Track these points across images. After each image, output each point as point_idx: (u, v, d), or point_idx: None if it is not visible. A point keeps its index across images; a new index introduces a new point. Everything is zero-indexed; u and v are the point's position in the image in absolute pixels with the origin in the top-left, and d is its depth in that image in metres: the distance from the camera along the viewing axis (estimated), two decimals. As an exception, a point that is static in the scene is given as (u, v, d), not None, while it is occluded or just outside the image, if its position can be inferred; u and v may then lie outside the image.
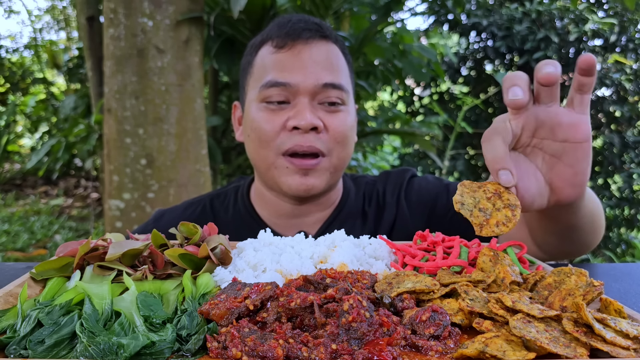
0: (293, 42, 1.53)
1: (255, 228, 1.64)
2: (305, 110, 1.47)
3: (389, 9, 4.57)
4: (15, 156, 11.75)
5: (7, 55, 12.23)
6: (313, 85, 1.48)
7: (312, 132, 1.48)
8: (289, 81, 1.48)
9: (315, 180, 1.52)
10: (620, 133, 6.48)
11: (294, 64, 1.51)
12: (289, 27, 1.55)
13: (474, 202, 0.92)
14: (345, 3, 4.19)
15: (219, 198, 1.79)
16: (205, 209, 1.75)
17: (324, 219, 1.70)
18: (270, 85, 1.50)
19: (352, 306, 0.76)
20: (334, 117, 1.52)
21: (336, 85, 1.51)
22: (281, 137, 1.49)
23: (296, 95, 1.49)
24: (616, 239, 6.89)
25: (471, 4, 6.68)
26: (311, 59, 1.51)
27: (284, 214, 1.67)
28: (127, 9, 3.57)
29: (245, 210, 1.72)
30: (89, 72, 5.73)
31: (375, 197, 1.74)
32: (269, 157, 1.53)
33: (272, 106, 1.51)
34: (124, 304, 0.83)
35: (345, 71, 1.59)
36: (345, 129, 1.54)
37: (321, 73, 1.50)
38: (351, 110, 1.59)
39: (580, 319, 0.79)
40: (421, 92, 7.40)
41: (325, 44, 1.55)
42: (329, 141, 1.51)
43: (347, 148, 1.57)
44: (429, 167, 6.71)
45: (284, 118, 1.49)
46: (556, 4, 6.25)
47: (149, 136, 3.67)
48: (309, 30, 1.54)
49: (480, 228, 0.90)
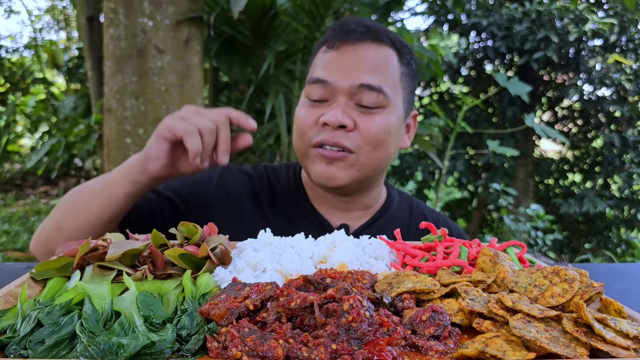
0: (341, 42, 1.56)
1: (302, 207, 1.72)
2: (337, 108, 1.50)
3: (388, 9, 4.58)
4: (15, 156, 11.75)
5: (7, 55, 12.23)
6: (349, 85, 1.50)
7: (341, 130, 1.51)
8: (328, 79, 1.52)
9: (338, 171, 1.54)
10: (620, 133, 6.47)
11: (337, 63, 1.54)
12: (342, 28, 1.58)
13: (530, 280, 0.93)
14: (345, 3, 4.19)
15: (274, 170, 1.83)
16: (262, 178, 1.79)
17: (367, 218, 1.75)
18: (312, 81, 1.57)
19: (352, 306, 0.76)
20: (368, 118, 1.52)
21: (374, 87, 1.50)
22: (313, 131, 1.55)
23: (334, 93, 1.53)
24: (616, 239, 6.89)
25: (471, 4, 6.68)
26: (354, 59, 1.53)
27: (327, 203, 1.72)
28: (127, 9, 3.57)
29: (296, 189, 1.76)
30: (89, 72, 5.73)
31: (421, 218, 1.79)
32: (303, 148, 1.59)
33: (312, 102, 1.57)
34: (124, 304, 0.83)
35: (392, 75, 1.57)
36: (377, 131, 1.53)
37: (360, 74, 1.51)
38: (394, 115, 1.57)
39: (580, 319, 0.79)
40: (421, 92, 7.40)
41: (375, 47, 1.56)
42: (358, 140, 1.52)
43: (378, 150, 1.56)
44: (428, 167, 6.71)
45: (319, 114, 1.54)
46: (556, 4, 6.25)
47: (149, 136, 3.64)
48: (359, 31, 1.55)
49: (534, 301, 0.89)
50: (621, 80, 6.06)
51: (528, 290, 0.90)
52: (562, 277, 0.90)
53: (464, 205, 7.95)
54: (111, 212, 1.46)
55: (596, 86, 6.21)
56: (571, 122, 7.45)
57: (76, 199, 1.54)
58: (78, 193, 1.56)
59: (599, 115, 6.79)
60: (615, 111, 6.31)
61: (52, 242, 1.49)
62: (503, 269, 0.96)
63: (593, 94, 6.47)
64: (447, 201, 8.62)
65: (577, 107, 7.16)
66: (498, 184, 6.20)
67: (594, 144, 7.25)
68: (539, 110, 7.42)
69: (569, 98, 6.48)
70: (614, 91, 6.38)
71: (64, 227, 1.49)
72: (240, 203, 1.71)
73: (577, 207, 6.31)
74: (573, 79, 6.46)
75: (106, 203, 1.45)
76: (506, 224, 5.92)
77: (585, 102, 6.47)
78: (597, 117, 6.87)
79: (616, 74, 6.10)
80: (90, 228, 1.46)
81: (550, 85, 7.15)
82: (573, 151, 7.56)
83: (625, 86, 6.08)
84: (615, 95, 6.41)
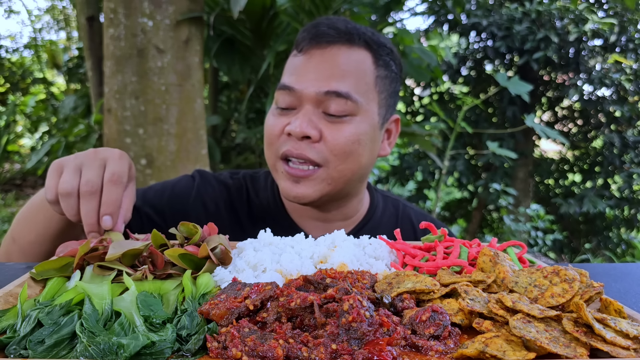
0: (310, 46, 1.47)
1: (280, 220, 1.64)
2: (303, 117, 1.41)
3: (388, 9, 4.58)
4: (15, 156, 11.75)
5: (7, 55, 12.23)
6: (315, 92, 1.41)
7: (306, 141, 1.42)
8: (294, 86, 1.43)
9: (306, 189, 1.46)
10: (620, 133, 6.48)
11: (304, 68, 1.45)
12: (311, 31, 1.48)
13: (530, 280, 0.93)
14: (345, 3, 4.19)
15: (253, 180, 1.75)
16: (241, 189, 1.72)
17: (349, 228, 1.67)
18: (279, 88, 1.48)
19: (352, 306, 0.76)
20: (335, 128, 1.43)
21: (341, 93, 1.40)
22: (280, 141, 1.47)
23: (301, 101, 1.44)
24: (616, 239, 6.89)
25: (471, 4, 6.68)
26: (322, 64, 1.44)
27: (305, 215, 1.66)
28: (127, 9, 3.57)
29: (274, 200, 1.68)
30: (89, 72, 5.73)
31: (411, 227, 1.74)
32: (271, 159, 1.53)
33: (280, 110, 1.49)
34: (124, 304, 0.83)
35: (364, 80, 1.46)
36: (345, 142, 1.43)
37: (327, 80, 1.41)
38: (365, 122, 1.47)
39: (580, 319, 0.79)
40: (421, 92, 7.40)
41: (345, 49, 1.46)
42: (324, 152, 1.43)
43: (348, 162, 1.46)
44: (428, 167, 6.71)
45: (285, 122, 1.45)
46: (556, 4, 6.24)
47: (149, 136, 3.67)
48: (328, 34, 1.46)
49: (534, 301, 0.89)
50: (621, 80, 6.06)
51: (528, 290, 0.90)
52: (562, 277, 0.90)
53: (464, 205, 7.95)
54: (57, 227, 1.34)
55: (596, 86, 6.21)
56: (571, 122, 7.45)
57: (27, 209, 1.43)
58: (30, 203, 1.43)
59: (599, 115, 6.79)
60: (615, 111, 6.32)
61: (9, 253, 1.41)
62: (503, 269, 0.96)
63: (593, 94, 6.47)
64: (447, 201, 8.62)
65: (577, 107, 7.16)
66: (498, 184, 6.20)
67: (594, 144, 7.25)
68: (539, 110, 7.42)
69: (569, 98, 6.48)
70: (614, 91, 6.38)
71: (17, 238, 1.40)
72: (218, 216, 1.63)
73: (577, 207, 6.32)
74: (573, 79, 6.46)
75: (50, 216, 1.33)
76: (506, 224, 5.92)
77: (585, 102, 6.47)
78: (597, 117, 6.87)
79: (616, 74, 6.10)
80: (40, 241, 1.35)
81: (550, 85, 7.16)
82: (573, 151, 7.56)
83: (625, 86, 6.08)
84: (615, 95, 6.41)
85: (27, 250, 1.37)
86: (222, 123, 5.85)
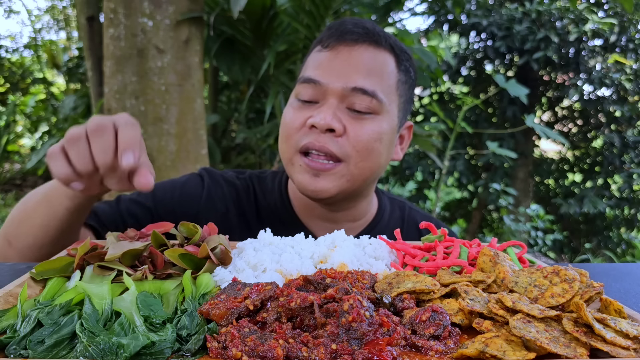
0: (337, 42, 1.48)
1: (288, 222, 1.63)
2: (327, 110, 1.41)
3: (388, 9, 4.58)
4: (15, 156, 11.75)
5: (7, 55, 12.23)
6: (342, 87, 1.42)
7: (329, 134, 1.42)
8: (320, 79, 1.44)
9: (326, 183, 1.45)
10: (620, 133, 6.48)
11: (331, 63, 1.46)
12: (338, 28, 1.50)
13: (530, 280, 0.93)
14: (345, 3, 4.19)
15: (260, 181, 1.74)
16: (248, 190, 1.70)
17: (357, 231, 1.67)
18: (303, 81, 1.48)
19: (352, 306, 0.76)
20: (358, 124, 1.44)
21: (367, 91, 1.42)
22: (300, 134, 1.46)
23: (325, 95, 1.44)
24: (616, 239, 6.90)
25: (471, 4, 6.68)
26: (349, 61, 1.45)
27: (313, 216, 1.65)
28: (127, 9, 3.57)
29: (282, 202, 1.67)
30: (89, 72, 5.73)
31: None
32: (288, 152, 1.50)
33: (301, 103, 1.48)
34: (124, 304, 0.83)
35: (388, 81, 1.48)
36: (367, 139, 1.44)
37: (354, 76, 1.43)
38: (386, 122, 1.48)
39: (580, 319, 0.79)
40: (421, 92, 7.40)
41: (372, 49, 1.48)
42: (347, 147, 1.43)
43: (368, 159, 1.47)
44: (428, 167, 6.71)
45: (307, 115, 1.45)
46: (556, 4, 6.25)
47: (149, 136, 3.67)
48: (356, 32, 1.48)
49: (534, 301, 0.89)
50: (621, 80, 6.06)
51: (528, 290, 0.90)
52: (562, 277, 0.90)
53: (464, 205, 7.96)
54: (56, 226, 1.30)
55: (596, 86, 6.22)
56: (571, 122, 7.45)
57: (21, 210, 1.39)
58: (23, 204, 1.40)
59: (599, 115, 6.80)
60: (615, 111, 6.32)
61: (5, 256, 1.38)
62: (503, 269, 0.96)
63: (593, 94, 6.47)
64: (447, 201, 8.63)
65: (577, 107, 7.16)
66: (498, 184, 6.21)
67: (594, 144, 7.25)
68: (539, 111, 7.43)
69: (569, 98, 6.48)
70: (614, 91, 6.38)
71: (13, 241, 1.37)
72: (228, 218, 1.63)
73: (577, 207, 6.32)
74: (573, 79, 6.46)
75: (49, 217, 1.30)
76: (506, 224, 5.92)
77: (585, 102, 6.48)
78: (597, 117, 6.88)
79: (616, 74, 6.10)
80: (39, 244, 1.33)
81: (550, 85, 7.16)
82: (573, 151, 7.56)
83: (625, 86, 6.08)
84: (615, 95, 6.42)
85: (26, 255, 1.36)
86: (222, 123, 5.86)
